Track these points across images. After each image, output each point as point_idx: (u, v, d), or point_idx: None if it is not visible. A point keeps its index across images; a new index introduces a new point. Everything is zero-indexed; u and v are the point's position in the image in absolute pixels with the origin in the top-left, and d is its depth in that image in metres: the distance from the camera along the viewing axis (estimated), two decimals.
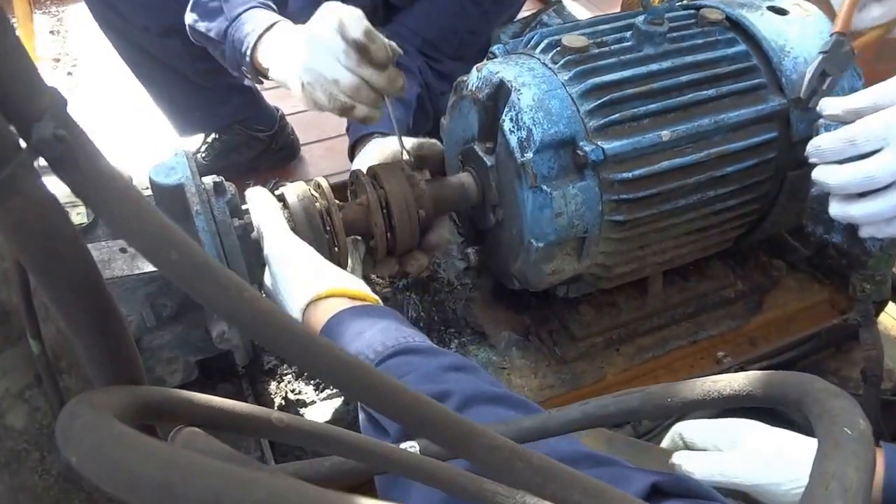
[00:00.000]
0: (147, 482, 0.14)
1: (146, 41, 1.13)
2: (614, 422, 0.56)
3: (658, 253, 0.79)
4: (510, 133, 0.72)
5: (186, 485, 0.14)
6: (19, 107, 0.18)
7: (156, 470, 0.14)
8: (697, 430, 0.65)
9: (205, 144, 1.38)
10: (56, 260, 0.20)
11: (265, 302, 0.23)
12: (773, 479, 0.58)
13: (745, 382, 0.36)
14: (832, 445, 0.24)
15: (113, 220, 0.20)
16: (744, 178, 0.76)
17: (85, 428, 0.17)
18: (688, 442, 0.66)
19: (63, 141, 0.18)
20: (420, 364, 0.53)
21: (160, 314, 0.69)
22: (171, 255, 0.21)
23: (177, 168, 0.68)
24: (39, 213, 0.19)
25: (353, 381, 0.24)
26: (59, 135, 0.18)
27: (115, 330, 0.24)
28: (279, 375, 0.84)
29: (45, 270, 0.20)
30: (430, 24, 1.05)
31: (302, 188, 0.75)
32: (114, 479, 0.15)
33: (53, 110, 0.18)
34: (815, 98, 0.71)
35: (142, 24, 1.09)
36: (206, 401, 0.28)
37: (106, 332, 0.23)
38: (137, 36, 1.12)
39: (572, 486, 0.25)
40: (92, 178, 0.19)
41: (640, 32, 0.74)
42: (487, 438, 0.26)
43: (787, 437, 0.62)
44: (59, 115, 0.18)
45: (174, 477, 0.14)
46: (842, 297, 0.91)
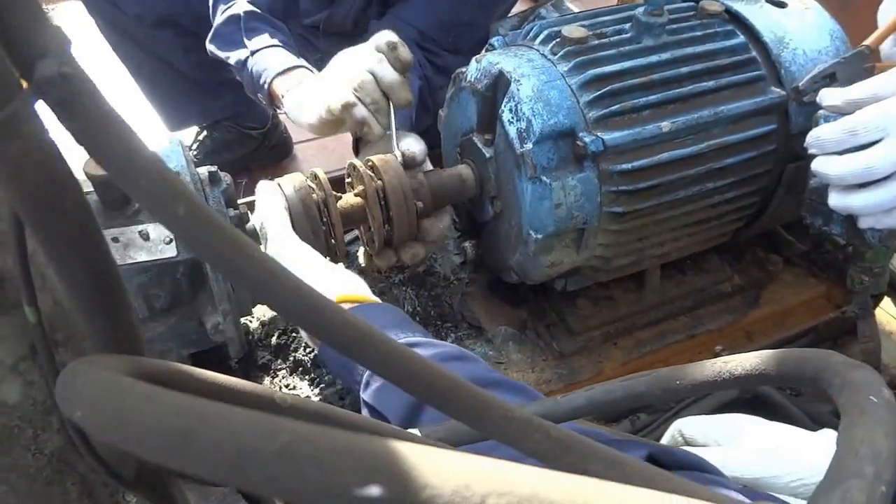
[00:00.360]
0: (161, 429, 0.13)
1: (139, 32, 1.11)
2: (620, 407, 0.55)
3: (657, 245, 0.79)
4: (509, 124, 0.71)
5: (204, 431, 0.13)
6: (22, 42, 0.17)
7: (171, 416, 0.13)
8: (697, 426, 0.65)
9: (196, 142, 1.36)
10: (56, 211, 0.19)
11: (275, 262, 0.22)
12: (773, 472, 0.58)
13: (758, 362, 0.36)
14: (859, 413, 0.24)
15: (118, 170, 0.19)
16: (743, 171, 0.75)
17: (90, 381, 0.16)
18: (688, 438, 0.65)
19: (69, 80, 0.17)
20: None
21: (153, 305, 0.68)
22: (179, 210, 0.20)
23: (171, 157, 0.67)
24: (40, 159, 0.18)
25: (361, 345, 0.23)
26: (65, 73, 0.17)
27: (115, 293, 0.23)
28: (273, 370, 0.82)
29: (43, 222, 0.19)
30: (427, 17, 1.05)
31: (299, 179, 0.74)
32: (124, 428, 0.14)
33: (58, 48, 0.17)
34: (812, 94, 0.71)
35: (135, 14, 1.08)
36: (210, 377, 0.27)
37: (105, 295, 0.22)
38: (130, 27, 1.11)
39: (591, 457, 0.25)
40: (97, 124, 0.18)
41: (640, 24, 0.74)
42: (503, 409, 0.25)
43: (786, 432, 0.62)
44: (65, 55, 0.17)
45: (191, 423, 0.13)
46: (838, 292, 0.91)
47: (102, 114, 0.18)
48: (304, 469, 0.12)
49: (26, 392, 0.27)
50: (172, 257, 0.65)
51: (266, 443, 0.13)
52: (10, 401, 0.26)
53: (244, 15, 0.94)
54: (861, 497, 0.21)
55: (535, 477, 0.13)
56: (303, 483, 0.12)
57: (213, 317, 0.68)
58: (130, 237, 0.66)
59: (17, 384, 0.26)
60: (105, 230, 0.66)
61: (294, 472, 0.12)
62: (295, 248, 0.67)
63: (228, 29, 0.96)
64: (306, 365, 0.82)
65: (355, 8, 1.13)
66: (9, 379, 0.26)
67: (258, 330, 0.86)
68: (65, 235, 0.19)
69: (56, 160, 0.19)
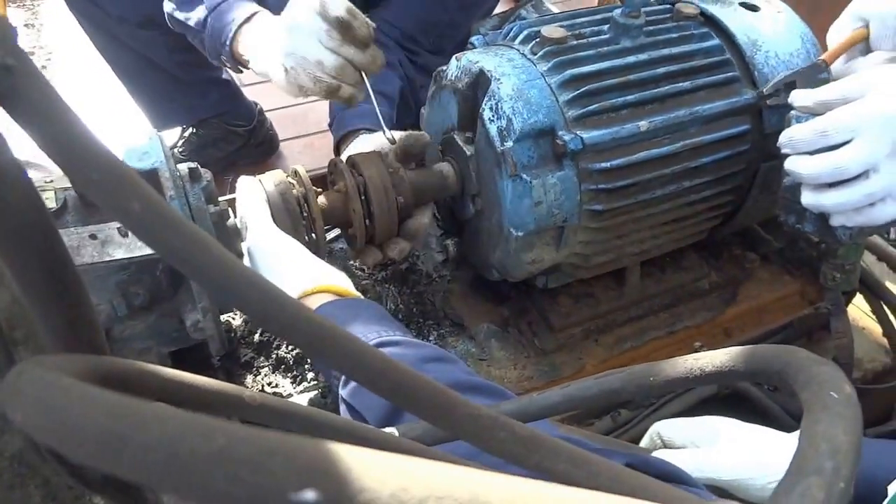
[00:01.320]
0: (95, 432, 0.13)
1: (124, 32, 1.10)
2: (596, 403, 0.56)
3: (635, 243, 0.80)
4: (490, 122, 0.71)
5: (139, 434, 0.13)
6: None
7: (105, 419, 0.13)
8: (675, 428, 0.66)
9: (182, 139, 1.35)
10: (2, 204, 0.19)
11: (235, 259, 0.22)
12: (750, 474, 0.59)
13: (727, 359, 0.36)
14: (820, 409, 0.24)
15: (68, 163, 0.19)
16: (718, 170, 0.76)
17: (30, 382, 0.15)
18: (666, 440, 0.66)
19: (11, 71, 0.17)
20: (400, 356, 0.52)
21: (132, 303, 0.67)
22: (133, 206, 0.20)
23: (150, 153, 0.66)
24: None
25: (323, 343, 0.22)
26: (7, 63, 0.17)
27: (70, 289, 0.22)
28: (255, 368, 0.82)
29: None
30: (409, 17, 1.05)
31: (279, 175, 0.74)
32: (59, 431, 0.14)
33: (1, 40, 0.17)
34: (776, 98, 0.72)
35: (119, 15, 1.06)
36: (174, 375, 0.26)
37: (60, 291, 0.22)
38: (115, 27, 1.09)
39: (557, 456, 0.25)
40: (43, 113, 0.17)
41: (618, 25, 0.74)
42: (468, 408, 0.25)
43: (763, 434, 0.62)
44: (7, 45, 0.17)
45: (125, 425, 0.13)
46: (812, 289, 0.93)
47: (50, 106, 0.18)
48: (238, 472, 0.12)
49: None
50: (151, 254, 0.65)
51: (201, 445, 0.13)
52: None
53: None
54: (820, 494, 0.21)
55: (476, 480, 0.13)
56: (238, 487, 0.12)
57: (192, 314, 0.68)
58: (109, 234, 0.66)
59: None
60: (83, 227, 0.65)
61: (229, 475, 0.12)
62: (275, 239, 0.66)
63: None
64: (289, 363, 0.82)
65: None
66: None
67: (241, 327, 0.85)
68: (12, 228, 0.19)
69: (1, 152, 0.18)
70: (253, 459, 0.12)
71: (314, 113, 1.63)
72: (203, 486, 0.12)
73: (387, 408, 0.49)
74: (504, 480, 0.14)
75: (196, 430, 0.13)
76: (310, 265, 0.64)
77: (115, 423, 0.13)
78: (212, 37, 0.86)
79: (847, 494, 0.23)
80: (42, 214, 0.20)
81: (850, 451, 0.22)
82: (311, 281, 0.60)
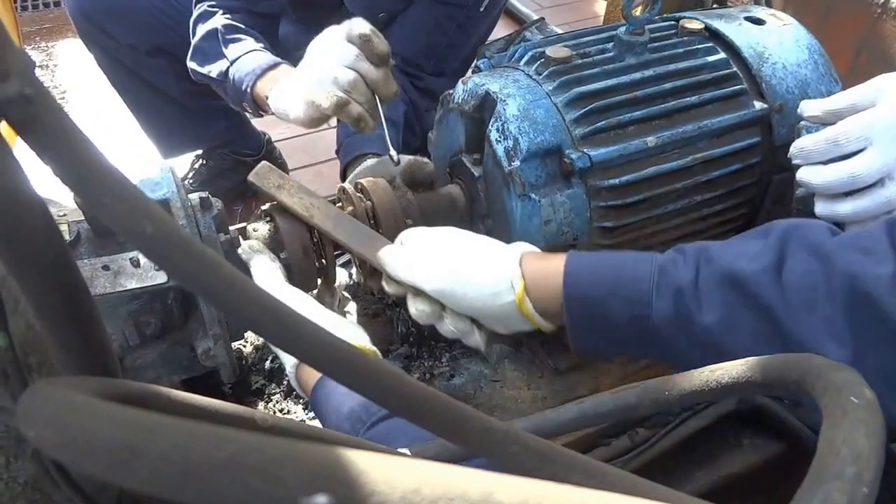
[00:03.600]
0: (107, 444, 0.13)
1: (133, 61, 1.13)
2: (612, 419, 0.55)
3: None
4: (497, 143, 0.72)
5: (151, 444, 0.13)
6: None
7: (116, 431, 0.13)
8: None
9: (192, 171, 1.38)
10: (20, 233, 0.19)
11: (245, 279, 0.22)
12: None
13: (744, 370, 0.36)
14: (840, 414, 0.23)
15: (83, 189, 0.19)
16: (729, 183, 0.76)
17: (44, 401, 0.15)
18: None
19: (30, 101, 0.17)
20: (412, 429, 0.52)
21: (143, 332, 0.67)
22: (146, 229, 0.20)
23: (162, 183, 0.67)
24: (3, 181, 0.18)
25: (336, 361, 0.22)
26: (25, 94, 0.17)
27: (85, 315, 0.23)
28: (267, 395, 0.81)
29: (8, 244, 0.19)
30: (408, 43, 1.07)
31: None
32: (73, 445, 0.14)
33: (21, 71, 0.17)
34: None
35: (129, 43, 1.10)
36: (186, 398, 0.26)
37: (75, 316, 0.22)
38: (124, 55, 1.13)
39: (572, 468, 0.24)
40: (60, 141, 0.18)
41: (622, 43, 0.75)
42: (480, 421, 0.25)
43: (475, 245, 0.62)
44: (27, 76, 0.18)
45: (137, 437, 0.13)
46: None
47: (66, 133, 0.18)
48: (250, 480, 0.12)
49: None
50: (163, 283, 0.65)
51: (213, 454, 0.12)
52: None
53: (222, 28, 0.96)
54: (842, 499, 0.21)
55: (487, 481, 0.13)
56: (249, 494, 0.12)
57: (204, 342, 0.68)
58: (121, 264, 0.66)
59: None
60: (96, 258, 0.66)
61: (241, 482, 0.12)
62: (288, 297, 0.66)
63: (207, 44, 0.97)
64: None
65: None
66: None
67: (252, 354, 0.85)
68: (31, 257, 0.19)
69: (20, 181, 0.19)
70: (264, 466, 0.12)
71: (322, 141, 1.65)
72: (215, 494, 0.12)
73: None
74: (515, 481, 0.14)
75: (207, 439, 0.13)
76: (324, 322, 0.64)
77: (126, 434, 0.13)
78: (234, 86, 0.92)
79: (871, 500, 0.22)
80: (59, 245, 0.20)
81: (872, 456, 0.21)
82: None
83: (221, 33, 0.95)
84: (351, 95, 0.76)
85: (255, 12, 1.01)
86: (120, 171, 0.20)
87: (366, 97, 0.77)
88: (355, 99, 0.76)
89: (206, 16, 0.99)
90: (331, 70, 0.76)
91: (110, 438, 0.13)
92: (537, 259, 0.60)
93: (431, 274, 0.61)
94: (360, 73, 0.76)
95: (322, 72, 0.77)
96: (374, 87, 0.77)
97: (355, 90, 0.76)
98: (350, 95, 0.76)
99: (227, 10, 0.98)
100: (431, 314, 0.62)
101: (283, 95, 0.83)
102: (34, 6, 2.27)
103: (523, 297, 0.59)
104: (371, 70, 0.76)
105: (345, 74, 0.76)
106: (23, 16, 2.19)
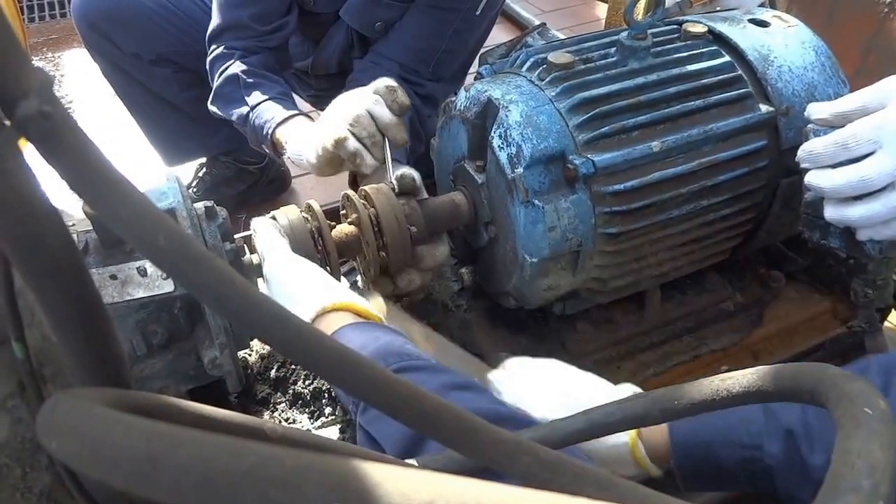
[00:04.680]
0: (129, 456, 0.13)
1: (137, 70, 1.14)
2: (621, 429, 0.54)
3: (654, 265, 0.79)
4: (500, 150, 0.72)
5: (172, 456, 0.13)
6: (5, 83, 0.17)
7: (138, 443, 0.13)
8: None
9: (196, 179, 1.39)
10: (38, 247, 0.19)
11: (257, 291, 0.22)
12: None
13: (755, 379, 0.35)
14: (854, 426, 0.23)
15: (97, 201, 0.19)
16: (736, 187, 0.76)
17: (65, 412, 0.16)
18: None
19: (49, 118, 0.17)
20: (423, 382, 0.51)
21: (150, 342, 0.68)
22: (159, 241, 0.20)
23: (168, 193, 0.68)
24: (22, 196, 0.19)
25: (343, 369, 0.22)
26: (44, 111, 0.17)
27: (100, 326, 0.23)
28: (272, 404, 0.81)
29: (25, 257, 0.19)
30: (407, 49, 1.07)
31: (293, 211, 0.75)
32: (94, 457, 0.14)
33: (40, 88, 0.18)
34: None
35: (133, 53, 1.11)
36: (197, 408, 0.26)
37: (90, 328, 0.22)
38: (129, 65, 1.14)
39: (583, 479, 0.24)
40: (77, 158, 0.18)
41: (625, 48, 0.75)
42: (491, 433, 0.24)
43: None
44: (46, 94, 0.18)
45: (158, 448, 0.13)
46: (844, 307, 0.91)
47: (82, 148, 0.19)
48: (269, 491, 0.12)
49: (14, 430, 0.27)
50: (170, 292, 0.66)
51: (233, 465, 0.13)
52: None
53: (241, 74, 0.99)
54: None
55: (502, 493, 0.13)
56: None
57: (210, 351, 0.68)
58: (128, 274, 0.67)
59: (5, 422, 0.26)
60: (104, 267, 0.66)
61: (260, 493, 0.12)
62: (296, 262, 0.66)
63: (228, 88, 1.00)
64: (306, 398, 0.82)
65: (337, 51, 1.17)
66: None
67: (257, 363, 0.85)
68: (48, 269, 0.20)
69: (38, 197, 0.19)
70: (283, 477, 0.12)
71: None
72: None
73: (406, 436, 0.47)
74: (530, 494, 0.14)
75: (227, 451, 0.13)
76: (328, 284, 0.63)
77: (149, 446, 0.13)
78: (254, 131, 0.97)
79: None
80: (75, 256, 0.20)
81: (889, 468, 0.21)
82: (330, 298, 0.60)
83: (241, 79, 0.99)
84: (353, 130, 0.77)
85: (269, 47, 1.03)
86: (133, 184, 0.20)
87: (368, 132, 0.77)
88: (355, 134, 0.77)
89: (222, 58, 1.02)
90: (343, 110, 0.78)
91: (132, 450, 0.13)
92: None
93: (543, 401, 0.61)
94: (372, 114, 0.77)
95: (335, 115, 0.79)
96: (384, 129, 0.78)
97: (358, 124, 0.77)
98: (352, 130, 0.77)
99: (244, 50, 1.01)
100: None
101: (299, 147, 0.87)
102: (41, 17, 2.29)
103: (636, 441, 0.58)
104: (385, 113, 0.77)
105: (352, 111, 0.77)
106: (30, 27, 2.22)
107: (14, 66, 0.18)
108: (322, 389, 0.82)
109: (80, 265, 0.21)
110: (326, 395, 0.82)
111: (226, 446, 0.13)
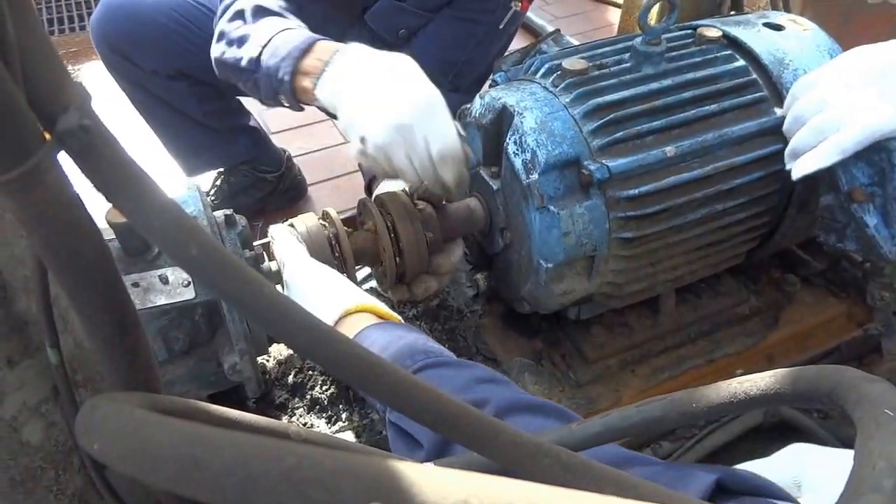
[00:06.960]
0: (172, 457, 0.14)
1: (155, 85, 1.16)
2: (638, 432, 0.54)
3: (669, 270, 0.79)
4: (514, 156, 0.72)
5: (214, 457, 0.13)
6: (46, 99, 0.18)
7: (181, 445, 0.14)
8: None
9: (214, 188, 1.41)
10: (77, 256, 0.20)
11: (286, 298, 0.23)
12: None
13: (773, 381, 0.35)
14: (874, 427, 0.23)
15: (134, 213, 0.20)
16: (751, 191, 0.76)
17: (106, 415, 0.16)
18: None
19: (88, 131, 0.18)
20: (451, 377, 0.52)
21: (172, 348, 0.69)
22: (191, 251, 0.21)
23: (189, 202, 0.69)
24: (62, 207, 0.19)
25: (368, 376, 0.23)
26: (84, 125, 0.18)
27: (132, 333, 0.24)
28: (290, 409, 0.82)
29: (65, 267, 0.20)
30: (429, 59, 1.08)
31: (311, 218, 0.76)
32: (138, 459, 0.14)
33: (79, 103, 0.19)
34: None
35: (151, 69, 1.13)
36: (223, 412, 0.27)
37: (124, 335, 0.23)
38: (146, 81, 1.16)
39: (604, 480, 0.24)
40: (114, 168, 0.19)
41: (639, 53, 0.76)
42: (511, 435, 0.25)
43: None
44: (85, 108, 0.19)
45: (202, 449, 0.14)
46: (859, 310, 0.90)
47: (119, 162, 0.19)
48: (309, 490, 0.13)
49: (48, 433, 0.28)
50: (191, 299, 0.67)
51: (273, 466, 0.13)
52: (32, 442, 0.27)
53: (251, 7, 0.83)
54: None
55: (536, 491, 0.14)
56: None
57: (230, 357, 0.69)
58: (150, 281, 0.68)
59: (39, 425, 0.27)
60: (126, 275, 0.67)
61: (300, 493, 0.13)
62: (316, 267, 0.67)
63: (234, 25, 0.84)
64: (323, 403, 0.82)
65: None
66: (32, 421, 0.27)
67: (275, 369, 0.86)
68: (85, 279, 0.20)
69: (77, 207, 0.20)
70: (322, 478, 0.13)
71: (340, 156, 1.67)
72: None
73: None
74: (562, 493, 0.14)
75: (267, 452, 0.13)
76: (349, 288, 0.65)
77: (191, 447, 0.13)
78: (267, 74, 0.78)
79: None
80: (111, 267, 0.21)
81: None
82: (353, 301, 0.61)
83: (251, 13, 0.82)
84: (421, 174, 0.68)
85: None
86: (168, 195, 0.21)
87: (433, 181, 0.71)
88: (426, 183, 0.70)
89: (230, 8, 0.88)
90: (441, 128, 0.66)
91: (175, 451, 0.14)
92: None
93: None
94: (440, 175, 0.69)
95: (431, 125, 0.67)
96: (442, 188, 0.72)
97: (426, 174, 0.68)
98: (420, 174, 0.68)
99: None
100: None
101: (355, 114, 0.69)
102: (61, 30, 2.34)
103: None
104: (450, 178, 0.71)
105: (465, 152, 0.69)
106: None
107: (54, 81, 0.19)
108: (338, 395, 0.83)
109: (116, 275, 0.22)
110: (343, 400, 0.82)
111: (265, 447, 0.14)
